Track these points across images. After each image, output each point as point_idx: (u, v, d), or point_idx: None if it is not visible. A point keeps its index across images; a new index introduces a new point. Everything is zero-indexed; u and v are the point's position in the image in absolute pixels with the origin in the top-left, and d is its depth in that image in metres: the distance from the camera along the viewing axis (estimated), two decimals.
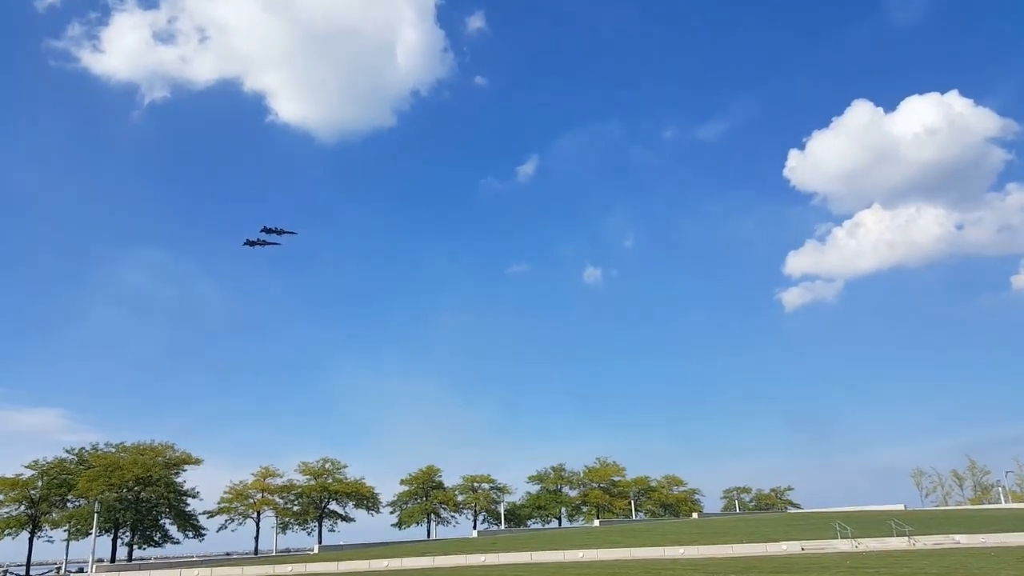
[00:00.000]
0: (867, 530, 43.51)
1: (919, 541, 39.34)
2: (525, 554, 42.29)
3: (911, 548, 37.34)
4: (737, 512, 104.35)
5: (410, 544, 60.63)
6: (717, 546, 40.61)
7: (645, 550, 40.70)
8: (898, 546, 38.52)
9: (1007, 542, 37.31)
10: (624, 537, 48.70)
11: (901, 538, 40.14)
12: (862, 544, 39.32)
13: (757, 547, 39.55)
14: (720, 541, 42.44)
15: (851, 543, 39.49)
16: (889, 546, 38.69)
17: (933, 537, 40.36)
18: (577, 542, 46.30)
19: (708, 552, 38.87)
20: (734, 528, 53.49)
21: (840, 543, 39.88)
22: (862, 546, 38.85)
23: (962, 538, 39.54)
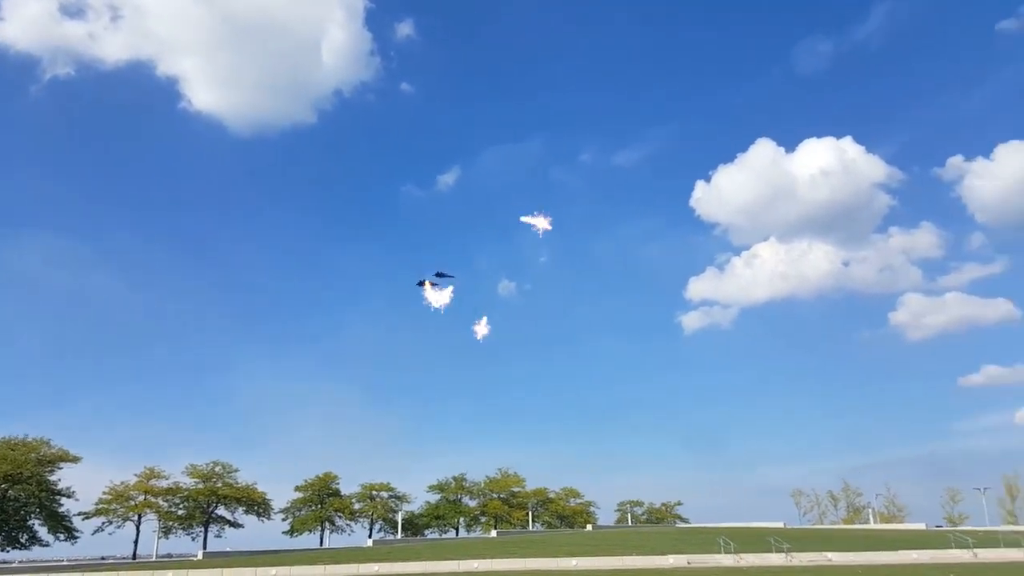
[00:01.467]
0: (749, 546, 45.52)
1: (795, 558, 41.53)
2: (420, 564, 42.03)
3: (788, 564, 39.35)
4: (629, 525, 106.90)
5: (301, 552, 59.08)
6: (608, 558, 41.57)
7: (539, 561, 41.21)
8: (776, 562, 40.50)
9: (874, 560, 39.89)
10: (520, 548, 49.13)
11: (780, 554, 42.25)
12: (744, 559, 41.13)
13: (646, 560, 40.74)
14: (611, 553, 43.46)
15: (734, 558, 41.25)
16: (768, 561, 40.62)
17: (808, 554, 42.70)
18: (473, 552, 46.37)
19: (599, 564, 39.73)
20: (625, 541, 54.85)
21: (723, 558, 41.59)
22: (743, 561, 40.64)
23: (834, 555, 42.00)
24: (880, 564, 37.52)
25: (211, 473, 76.72)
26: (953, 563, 37.34)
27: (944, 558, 40.65)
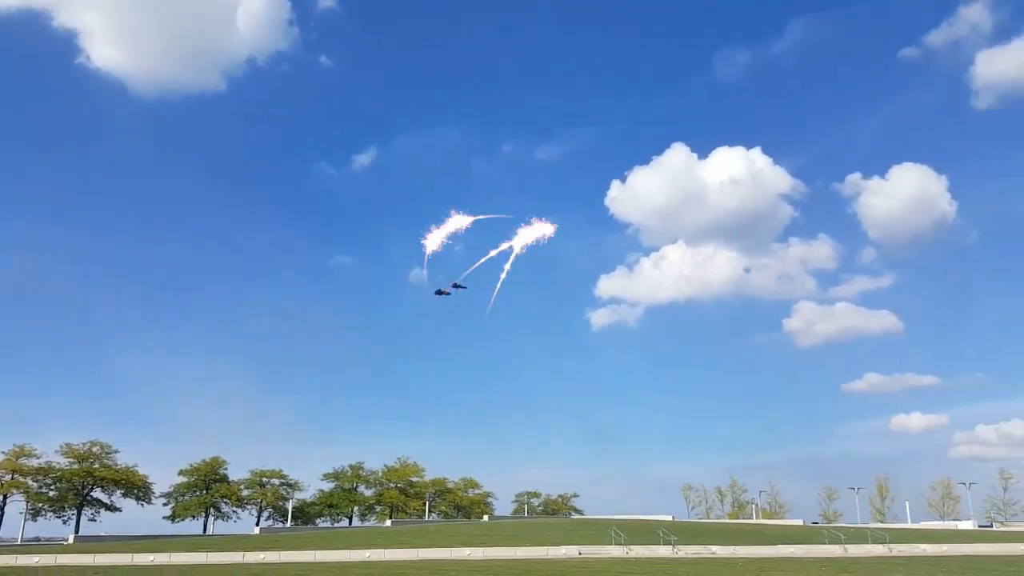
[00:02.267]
0: (639, 537, 46.68)
1: (682, 550, 42.87)
2: (309, 553, 40.89)
3: (674, 556, 40.56)
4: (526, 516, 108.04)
5: (183, 539, 56.55)
6: (503, 548, 41.69)
7: (434, 551, 40.89)
8: (664, 553, 41.68)
9: (754, 554, 41.64)
10: (414, 538, 48.65)
11: (667, 546, 43.53)
12: (633, 550, 42.13)
13: (540, 550, 41.10)
14: (506, 544, 43.63)
15: (624, 549, 42.21)
16: (656, 553, 41.76)
17: (694, 547, 44.19)
18: (366, 542, 45.55)
19: (494, 554, 39.77)
20: (521, 532, 55.27)
21: (614, 549, 42.49)
22: (633, 552, 41.62)
23: (718, 548, 43.61)
24: (759, 557, 39.21)
25: (88, 453, 72.40)
26: (825, 557, 39.43)
27: (817, 552, 42.88)
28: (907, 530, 68.29)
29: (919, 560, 36.95)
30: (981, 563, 34.01)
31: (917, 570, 29.14)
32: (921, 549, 45.18)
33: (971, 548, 45.31)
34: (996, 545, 47.03)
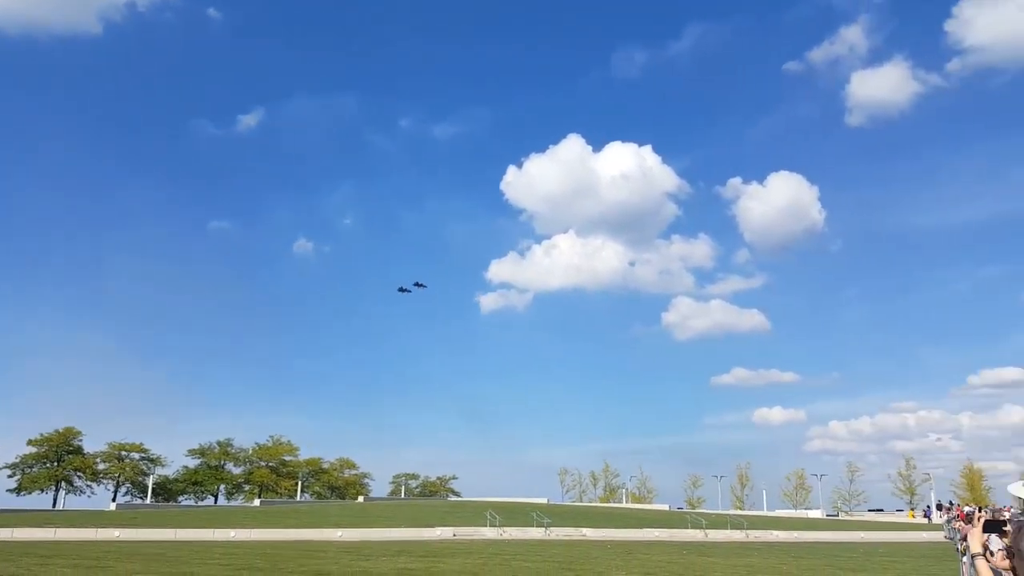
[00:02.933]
0: (513, 520, 47.31)
1: (554, 532, 43.79)
2: (169, 531, 38.83)
3: (546, 538, 41.35)
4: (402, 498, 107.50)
5: (29, 513, 52.47)
6: (376, 529, 41.14)
7: (303, 531, 39.81)
8: (536, 536, 42.42)
9: (622, 536, 43.07)
10: (284, 518, 47.24)
11: (540, 528, 44.34)
12: (506, 532, 42.63)
13: (413, 532, 40.84)
14: (379, 525, 43.10)
15: (497, 531, 42.65)
16: (529, 535, 42.44)
17: (566, 529, 45.24)
18: (232, 521, 43.78)
19: (366, 535, 39.17)
20: (396, 513, 54.81)
21: (488, 531, 42.86)
22: (506, 534, 42.12)
23: (589, 531, 44.85)
24: (627, 540, 40.59)
25: None
26: (688, 541, 41.31)
27: (680, 536, 44.88)
28: (763, 517, 72.82)
29: (772, 545, 39.35)
30: (826, 549, 36.59)
31: (769, 555, 30.94)
32: (775, 535, 48.16)
33: (819, 535, 48.74)
34: (841, 533, 50.83)
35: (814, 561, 27.45)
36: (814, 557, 29.67)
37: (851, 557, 29.92)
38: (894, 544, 41.36)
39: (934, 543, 40.05)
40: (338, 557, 25.28)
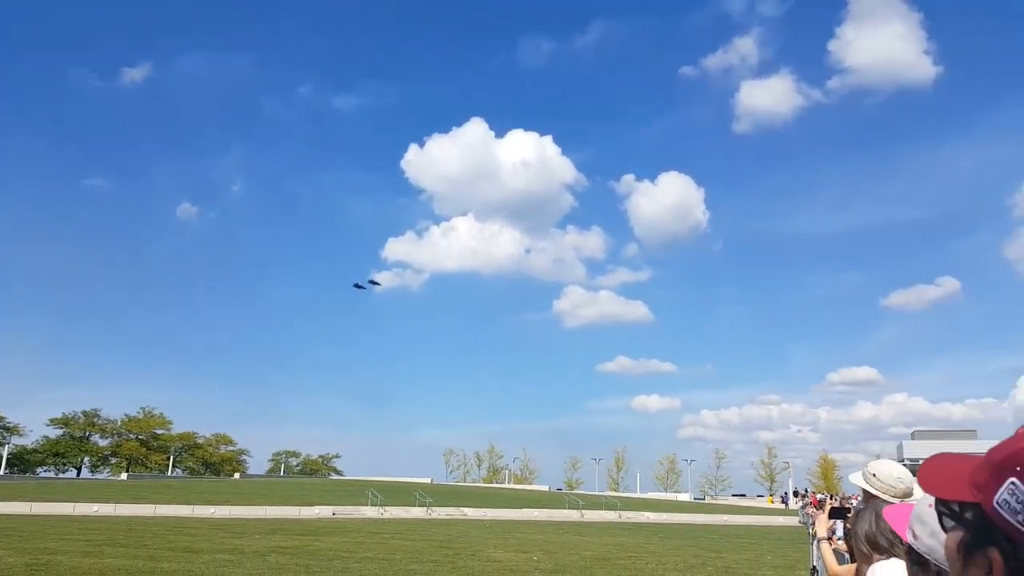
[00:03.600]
0: (395, 499, 47.24)
1: (435, 511, 44.08)
2: (24, 504, 36.35)
3: (427, 517, 41.58)
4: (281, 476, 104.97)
5: None
6: (251, 507, 40.06)
7: (173, 507, 38.24)
8: (417, 515, 42.57)
9: (502, 516, 43.90)
10: (152, 493, 45.19)
11: (422, 508, 44.51)
12: (387, 512, 42.55)
13: (291, 510, 40.05)
14: (255, 503, 41.99)
15: (378, 510, 42.49)
16: (410, 514, 42.53)
17: (447, 508, 45.63)
18: (95, 495, 41.50)
19: (240, 513, 38.09)
20: (273, 490, 53.53)
21: (369, 510, 42.62)
22: (387, 513, 42.03)
23: (470, 511, 45.43)
24: (507, 519, 41.40)
25: None
26: (565, 521, 42.61)
27: (558, 516, 46.21)
28: (636, 499, 75.95)
29: (643, 526, 41.18)
30: (691, 530, 38.66)
31: (639, 534, 32.40)
32: (645, 516, 50.38)
33: (686, 517, 51.37)
34: (706, 515, 53.78)
35: (679, 541, 28.97)
36: (680, 538, 31.30)
37: (713, 538, 31.77)
38: (753, 527, 44.20)
39: (789, 527, 43.07)
40: (209, 534, 24.51)
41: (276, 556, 18.28)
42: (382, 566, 16.95)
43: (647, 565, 19.34)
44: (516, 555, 20.63)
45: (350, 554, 19.33)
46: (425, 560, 18.50)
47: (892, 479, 3.45)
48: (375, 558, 18.62)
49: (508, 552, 21.45)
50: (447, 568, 16.98)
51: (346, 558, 18.34)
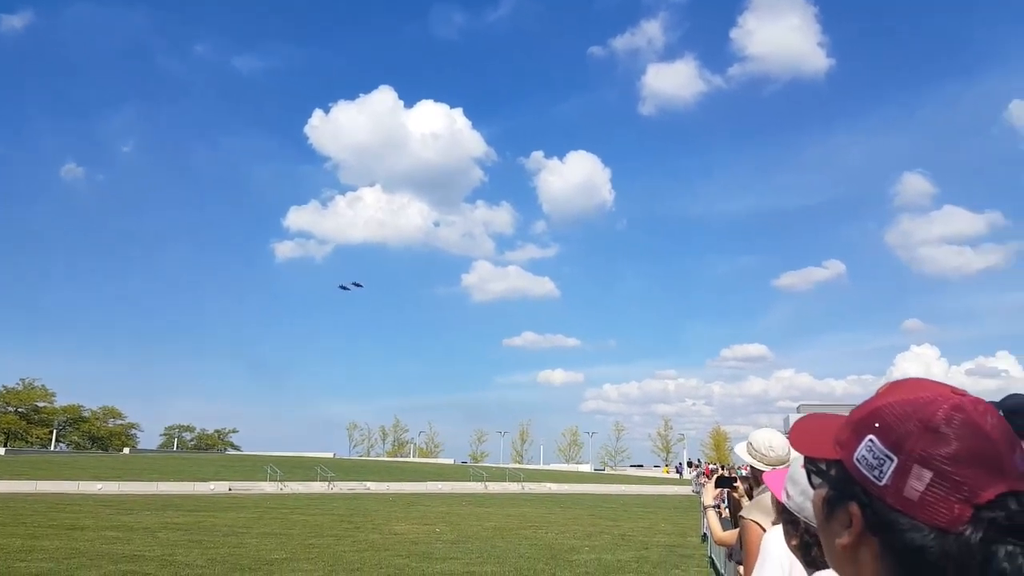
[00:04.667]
0: (296, 474, 46.38)
1: (337, 486, 43.56)
2: None
3: (329, 492, 41.06)
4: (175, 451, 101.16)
5: None
6: (141, 483, 38.41)
7: (55, 483, 36.16)
8: (319, 490, 41.95)
9: (406, 490, 43.87)
10: (34, 468, 42.62)
11: (324, 483, 43.89)
12: (287, 487, 41.73)
13: (185, 486, 38.65)
14: (145, 478, 40.30)
15: (277, 486, 41.61)
16: (311, 489, 41.86)
17: (350, 483, 45.19)
18: None
19: (129, 489, 36.45)
20: (165, 466, 51.55)
21: (267, 485, 41.67)
22: (287, 488, 41.22)
23: (373, 485, 45.14)
24: (411, 492, 41.41)
25: None
26: (469, 493, 42.98)
27: (462, 489, 46.58)
28: (539, 470, 77.50)
29: (544, 496, 42.08)
30: (591, 500, 39.83)
31: (541, 505, 33.10)
32: (548, 487, 51.50)
33: (586, 488, 52.85)
34: (605, 485, 55.50)
35: (580, 511, 29.78)
36: (580, 507, 32.18)
37: (611, 508, 32.84)
38: (649, 497, 45.97)
39: (683, 496, 45.06)
40: (95, 511, 23.35)
41: (167, 532, 17.62)
42: (280, 541, 16.63)
43: (547, 534, 19.78)
44: (419, 527, 20.68)
45: (247, 529, 18.86)
46: (325, 534, 18.28)
47: (764, 447, 3.66)
48: (273, 533, 18.24)
49: (411, 524, 21.47)
50: (348, 542, 16.83)
51: (242, 533, 17.88)
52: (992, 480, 0.73)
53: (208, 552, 14.46)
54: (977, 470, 0.73)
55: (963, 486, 0.73)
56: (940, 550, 0.72)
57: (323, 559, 14.01)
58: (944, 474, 0.74)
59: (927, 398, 0.79)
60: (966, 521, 0.72)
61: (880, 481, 0.78)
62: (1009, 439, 0.76)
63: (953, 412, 0.77)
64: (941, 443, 0.75)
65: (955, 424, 0.76)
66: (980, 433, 0.75)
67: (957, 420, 0.76)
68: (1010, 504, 0.72)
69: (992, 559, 0.71)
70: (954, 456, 0.74)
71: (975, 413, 0.77)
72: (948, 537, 0.72)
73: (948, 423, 0.76)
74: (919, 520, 0.74)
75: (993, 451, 0.74)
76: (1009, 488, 0.73)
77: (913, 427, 0.77)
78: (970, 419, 0.76)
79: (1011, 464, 0.74)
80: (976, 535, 0.71)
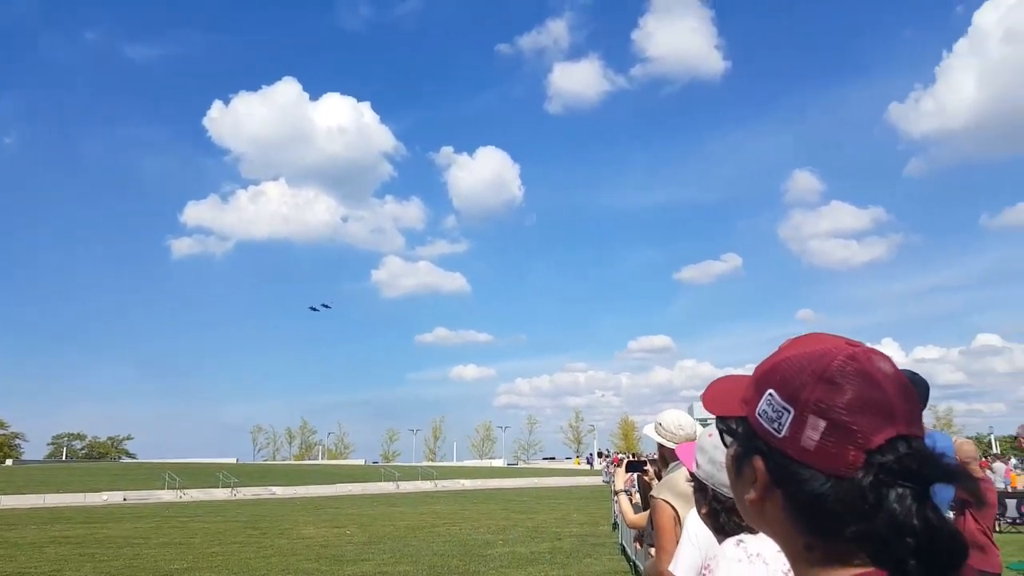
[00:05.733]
0: (197, 481, 44.46)
1: (241, 492, 42.02)
2: None
3: (232, 498, 39.54)
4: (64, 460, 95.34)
5: None
6: (25, 496, 35.86)
7: None
8: (221, 496, 40.34)
9: (315, 493, 42.80)
10: None
11: (226, 489, 42.24)
12: (187, 494, 39.95)
13: (75, 497, 36.37)
14: (31, 491, 37.67)
15: (177, 493, 39.77)
16: (213, 496, 40.21)
17: (254, 488, 43.66)
18: None
19: (12, 503, 33.95)
20: (53, 477, 48.42)
21: (165, 493, 39.79)
22: (187, 496, 39.46)
23: (279, 490, 43.78)
24: (320, 496, 40.41)
25: None
26: (380, 494, 42.36)
27: (373, 490, 45.85)
28: (452, 467, 77.35)
29: (458, 493, 41.97)
30: (505, 494, 40.00)
31: (454, 502, 32.97)
32: (461, 484, 51.42)
33: (500, 482, 53.07)
34: (518, 479, 55.91)
35: (493, 506, 29.83)
36: (493, 502, 32.25)
37: (525, 501, 33.08)
38: (561, 488, 46.60)
39: (594, 486, 45.88)
40: None
41: (56, 547, 16.48)
42: (180, 550, 15.83)
43: (461, 530, 19.69)
44: (328, 530, 20.16)
45: (144, 540, 17.88)
46: (229, 541, 17.54)
47: (674, 426, 3.74)
48: (172, 543, 17.36)
49: (320, 528, 20.92)
50: (253, 548, 16.21)
51: (139, 544, 16.93)
52: (883, 426, 0.75)
53: (101, 566, 13.60)
54: (868, 417, 0.75)
55: (856, 433, 0.75)
56: (836, 496, 0.75)
57: (227, 567, 13.43)
58: (838, 422, 0.76)
59: (822, 350, 0.80)
60: (860, 467, 0.74)
61: (779, 433, 0.79)
62: (900, 386, 0.78)
63: (846, 362, 0.78)
64: (834, 392, 0.77)
65: (848, 373, 0.77)
66: (871, 381, 0.77)
67: (850, 369, 0.78)
68: (900, 448, 0.74)
69: (884, 501, 0.73)
70: (847, 404, 0.76)
71: (867, 362, 0.78)
72: (843, 483, 0.74)
73: (841, 373, 0.77)
74: (817, 469, 0.76)
75: (884, 398, 0.76)
76: (899, 433, 0.75)
77: (808, 378, 0.79)
78: (862, 368, 0.78)
79: (901, 410, 0.76)
80: (868, 479, 0.74)
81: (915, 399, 0.78)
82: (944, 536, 0.72)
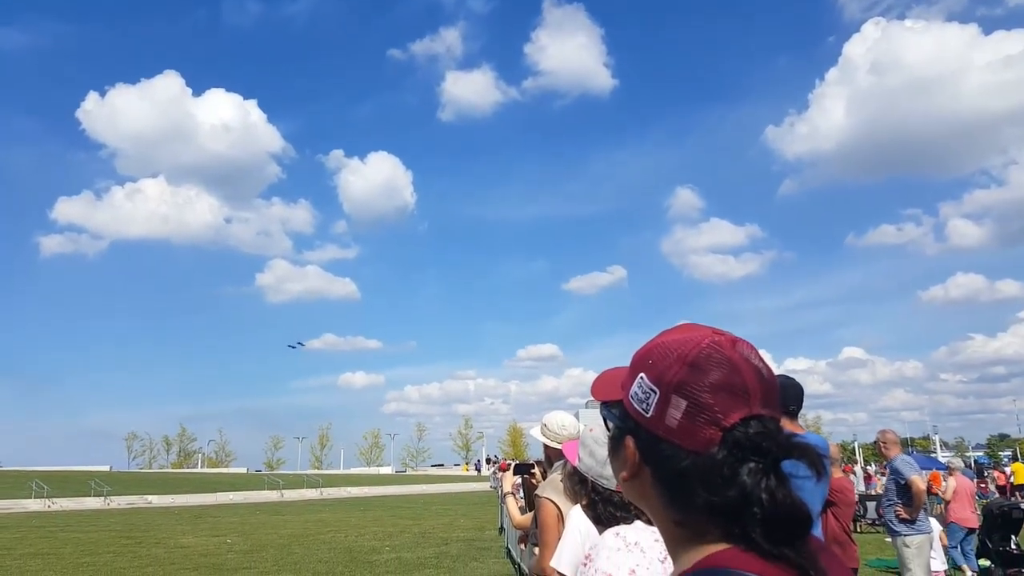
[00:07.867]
0: (66, 490, 41.98)
1: (115, 501, 40.03)
2: None
3: (105, 507, 37.66)
4: None
5: None
6: None
7: None
8: (93, 505, 38.34)
9: (194, 502, 41.27)
10: None
11: (99, 498, 40.14)
12: (56, 503, 37.73)
13: None
14: None
15: (45, 503, 37.50)
16: (85, 505, 38.16)
17: (129, 497, 41.66)
18: None
19: None
20: None
21: (32, 502, 37.44)
22: (56, 505, 37.28)
23: (155, 498, 41.94)
24: (199, 504, 39.03)
25: None
26: (263, 502, 41.32)
27: (256, 498, 44.63)
28: (339, 475, 76.03)
29: (345, 501, 41.54)
30: (393, 501, 39.99)
31: (340, 509, 32.74)
32: (348, 492, 50.79)
33: (388, 490, 52.81)
34: (407, 486, 55.83)
35: (380, 512, 29.87)
36: (381, 509, 32.24)
37: (413, 507, 33.25)
38: (450, 494, 46.91)
39: (483, 492, 46.43)
40: None
41: None
42: (48, 561, 15.20)
43: (347, 537, 19.76)
44: (208, 539, 19.75)
45: (7, 551, 17.00)
46: (101, 551, 16.95)
47: (558, 427, 4.02)
48: (40, 553, 16.60)
49: (199, 537, 20.44)
50: (127, 558, 15.76)
51: (2, 555, 16.11)
52: (738, 406, 0.81)
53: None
54: (726, 397, 0.82)
55: (714, 412, 0.81)
56: (696, 471, 0.81)
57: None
58: (697, 402, 0.82)
59: (690, 337, 0.88)
60: (717, 443, 0.80)
61: (647, 413, 0.86)
62: (756, 372, 0.85)
63: (710, 348, 0.85)
64: (697, 375, 0.83)
65: (710, 358, 0.84)
66: (730, 364, 0.83)
67: (713, 355, 0.84)
68: (752, 426, 0.81)
69: (736, 475, 0.79)
70: (707, 385, 0.82)
71: (729, 349, 0.85)
72: (702, 458, 0.81)
73: (705, 357, 0.84)
74: (680, 445, 0.83)
75: (741, 381, 0.82)
76: (752, 412, 0.81)
77: (673, 362, 0.85)
78: (723, 353, 0.84)
79: (756, 392, 0.82)
80: (722, 454, 0.80)
81: (772, 384, 0.86)
82: (787, 507, 0.78)
